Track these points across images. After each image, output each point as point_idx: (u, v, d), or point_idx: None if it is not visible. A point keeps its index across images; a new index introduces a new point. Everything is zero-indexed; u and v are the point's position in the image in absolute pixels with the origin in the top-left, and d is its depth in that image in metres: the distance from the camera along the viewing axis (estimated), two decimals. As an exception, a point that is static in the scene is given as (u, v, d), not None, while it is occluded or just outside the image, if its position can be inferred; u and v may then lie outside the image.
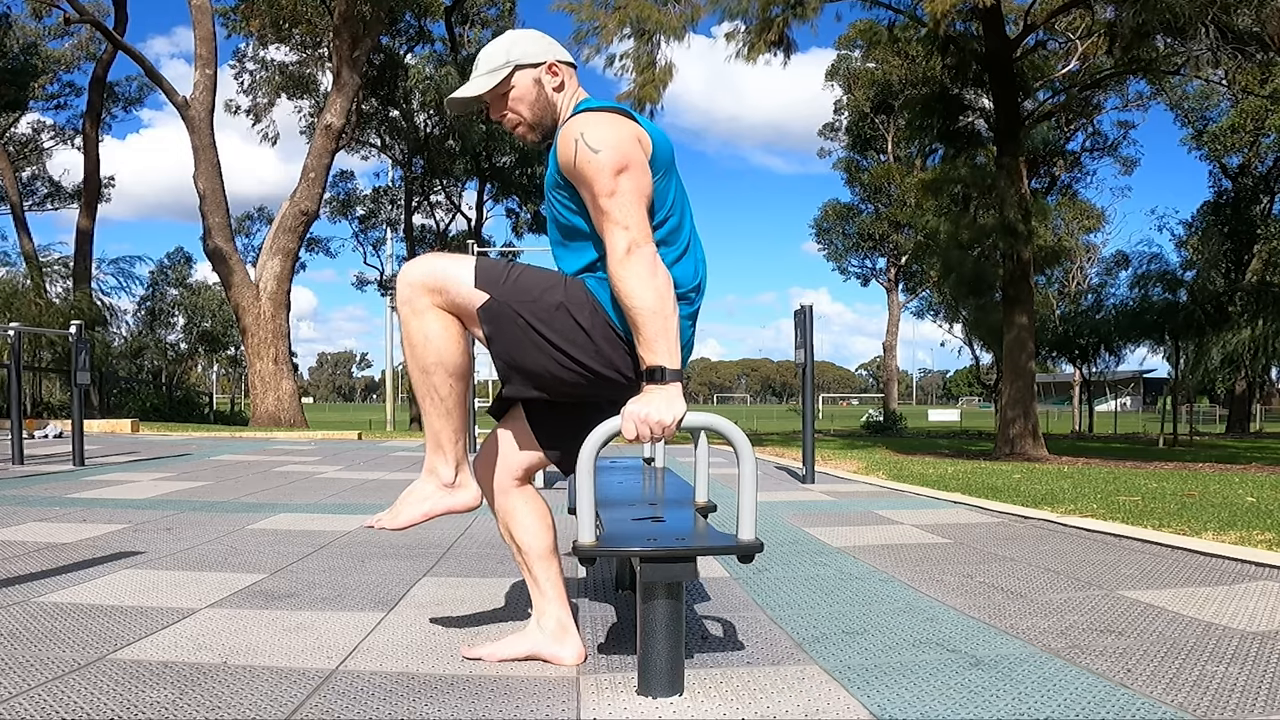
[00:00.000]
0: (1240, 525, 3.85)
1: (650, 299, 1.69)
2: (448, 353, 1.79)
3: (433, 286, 1.78)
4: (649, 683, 1.73)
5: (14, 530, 3.70)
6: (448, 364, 1.80)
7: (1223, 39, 10.91)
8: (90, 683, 1.77)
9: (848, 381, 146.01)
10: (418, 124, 26.84)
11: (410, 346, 1.80)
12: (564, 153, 1.78)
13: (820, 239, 37.37)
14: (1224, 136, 24.81)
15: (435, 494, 1.88)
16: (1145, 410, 47.32)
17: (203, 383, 40.73)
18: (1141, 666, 1.91)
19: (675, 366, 1.69)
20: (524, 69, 1.90)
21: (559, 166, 1.81)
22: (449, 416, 1.84)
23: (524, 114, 1.92)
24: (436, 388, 1.81)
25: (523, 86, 1.90)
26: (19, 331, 7.12)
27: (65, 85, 28.53)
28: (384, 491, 5.53)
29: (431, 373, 1.80)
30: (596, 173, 1.73)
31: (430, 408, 1.84)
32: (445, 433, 1.85)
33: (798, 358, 6.35)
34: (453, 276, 1.78)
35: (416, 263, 1.82)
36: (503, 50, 1.91)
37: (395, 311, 8.49)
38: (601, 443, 1.69)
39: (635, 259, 1.70)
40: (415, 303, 1.78)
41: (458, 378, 1.81)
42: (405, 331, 1.80)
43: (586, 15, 12.28)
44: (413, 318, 1.79)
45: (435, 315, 1.79)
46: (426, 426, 1.87)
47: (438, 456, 1.87)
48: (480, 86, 1.90)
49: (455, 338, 1.81)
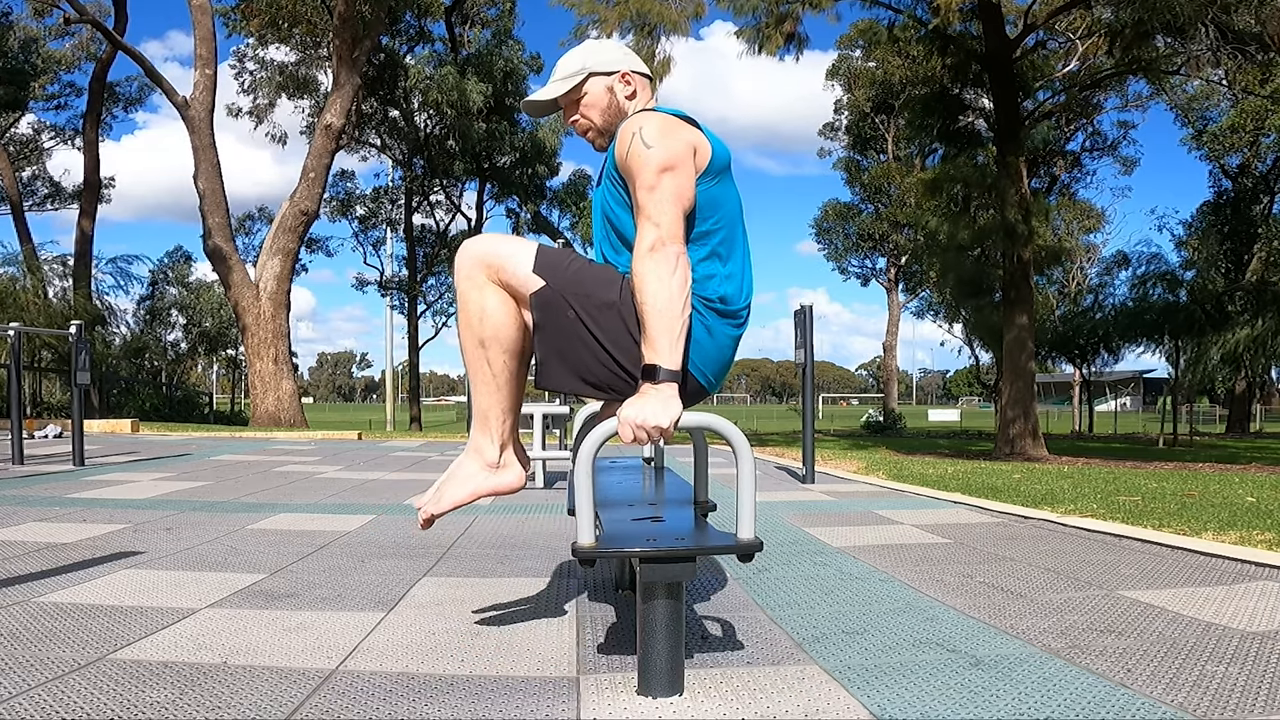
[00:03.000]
0: (1240, 525, 3.85)
1: (662, 297, 1.68)
2: (505, 328, 1.80)
3: (492, 264, 1.79)
4: (649, 683, 1.73)
5: (14, 530, 3.70)
6: (504, 340, 1.80)
7: (1223, 39, 10.91)
8: (90, 683, 1.77)
9: (847, 381, 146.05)
10: (418, 124, 26.83)
11: (467, 319, 1.81)
12: (620, 144, 1.81)
13: (820, 239, 37.37)
14: (1224, 136, 24.81)
15: (480, 474, 1.87)
16: (1145, 410, 47.32)
17: (203, 383, 40.75)
18: (1141, 666, 1.91)
19: (672, 367, 1.69)
20: (598, 76, 1.95)
21: (615, 160, 1.83)
22: (499, 393, 1.84)
23: (595, 119, 1.96)
24: (490, 362, 1.81)
25: (595, 93, 1.94)
26: (19, 331, 7.12)
27: (65, 85, 28.57)
28: (384, 492, 5.53)
29: (487, 347, 1.80)
30: (643, 166, 1.75)
31: (481, 383, 1.84)
32: (494, 410, 1.85)
33: (797, 358, 6.35)
34: (513, 256, 1.80)
35: (480, 239, 1.86)
36: (580, 58, 1.96)
37: (395, 311, 8.29)
38: (599, 444, 1.69)
39: (659, 255, 1.71)
40: (475, 277, 1.80)
41: (512, 354, 1.82)
42: (462, 304, 1.81)
43: (586, 10, 12.30)
44: (472, 291, 1.80)
45: (493, 290, 1.80)
46: (475, 403, 1.86)
47: (483, 435, 1.87)
48: (554, 91, 1.94)
49: (513, 314, 1.81)
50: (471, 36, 27.08)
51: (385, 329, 32.05)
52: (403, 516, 4.37)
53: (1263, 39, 10.99)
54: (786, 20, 11.54)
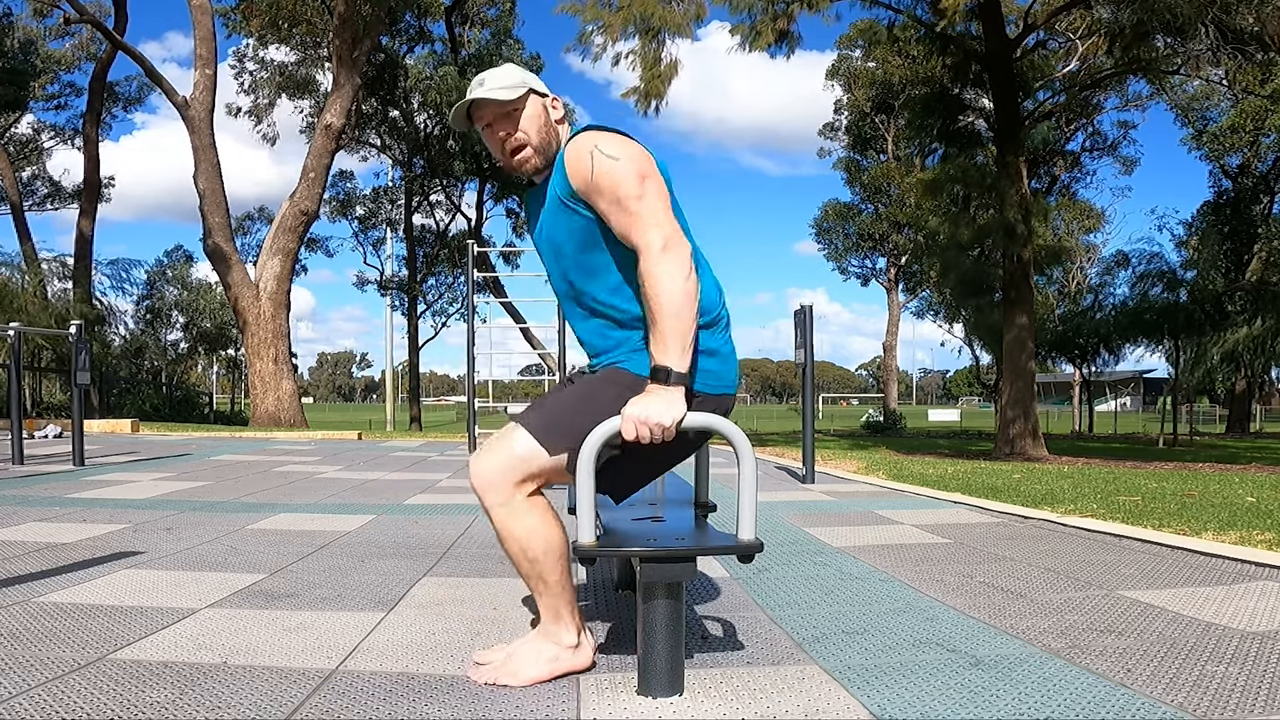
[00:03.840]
0: (1240, 525, 3.85)
1: (677, 299, 1.67)
2: (552, 538, 1.78)
3: (517, 479, 1.75)
4: (649, 683, 1.73)
5: (14, 530, 3.70)
6: (554, 548, 1.78)
7: (1223, 39, 10.91)
8: (90, 683, 1.77)
9: (847, 381, 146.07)
10: (418, 124, 26.82)
11: (513, 541, 1.77)
12: (578, 168, 1.76)
13: (820, 239, 37.35)
14: (1224, 136, 24.81)
15: (563, 654, 1.86)
16: (1145, 410, 47.32)
17: (203, 383, 40.70)
18: (1141, 666, 1.91)
19: (682, 370, 1.68)
20: (536, 95, 1.90)
21: (571, 187, 1.78)
22: (565, 592, 1.83)
23: (532, 135, 1.88)
24: (545, 574, 1.79)
25: (535, 110, 1.89)
26: (19, 331, 7.12)
27: (65, 85, 28.57)
28: (384, 492, 5.53)
29: (540, 560, 1.78)
30: (621, 178, 1.72)
31: (543, 589, 1.82)
32: (563, 607, 1.84)
33: (798, 358, 6.35)
34: (523, 457, 1.75)
35: (486, 460, 1.77)
36: (517, 74, 1.91)
37: (395, 311, 8.26)
38: (601, 442, 1.69)
39: (673, 255, 1.69)
40: (510, 502, 1.76)
41: (560, 556, 1.79)
42: (504, 530, 1.77)
43: (591, 16, 12.31)
44: (510, 517, 1.76)
45: (526, 507, 1.76)
46: (542, 604, 1.85)
47: (557, 625, 1.86)
48: (502, 94, 1.85)
49: (553, 520, 1.80)
50: (471, 36, 27.06)
51: (385, 329, 32.05)
52: (403, 516, 4.37)
53: (1263, 39, 10.99)
54: (780, 18, 11.55)
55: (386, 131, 27.80)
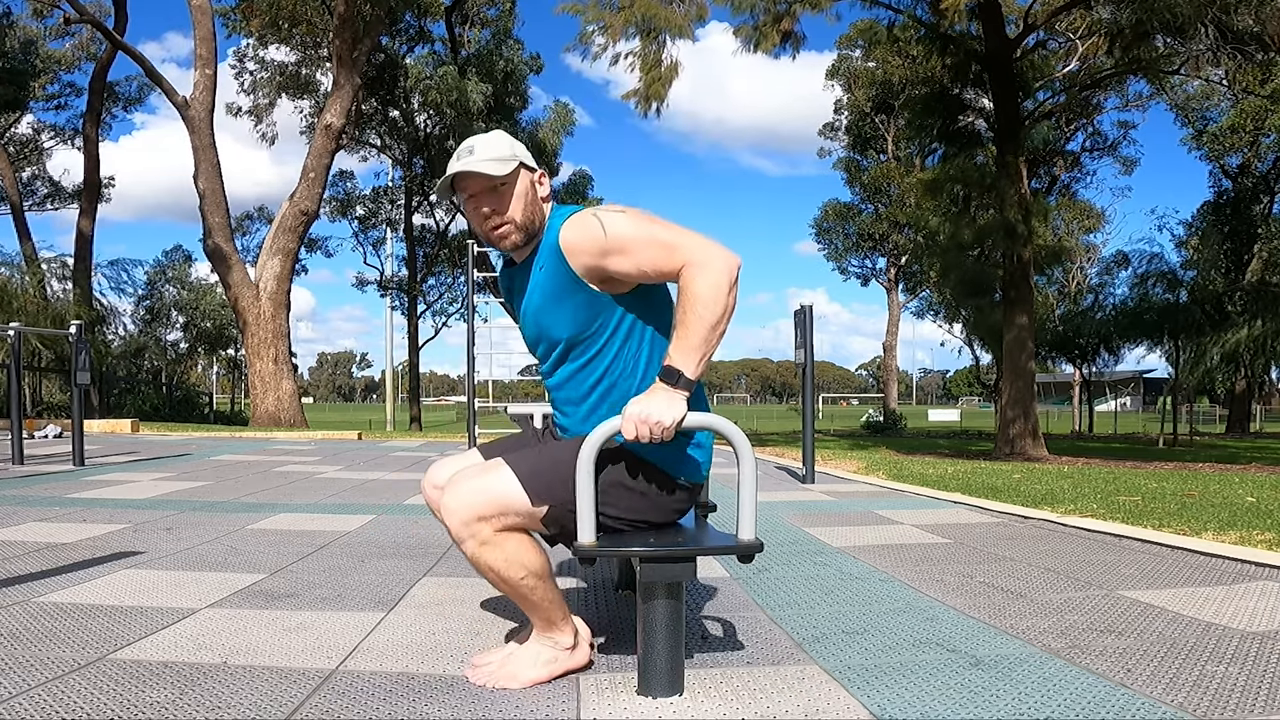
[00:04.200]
0: (1240, 525, 3.85)
1: (716, 311, 1.68)
2: (531, 560, 1.77)
3: (487, 515, 1.72)
4: (649, 683, 1.73)
5: (14, 530, 3.70)
6: (534, 569, 1.77)
7: (1223, 39, 10.90)
8: (90, 683, 1.77)
9: (847, 381, 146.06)
10: (418, 124, 26.81)
11: (491, 572, 1.75)
12: (585, 238, 1.75)
13: (820, 239, 37.35)
14: (1224, 136, 24.80)
15: (560, 655, 1.86)
16: (1145, 410, 47.32)
17: (203, 383, 40.70)
18: (1141, 666, 1.91)
19: (693, 377, 1.69)
20: (525, 169, 1.85)
21: (575, 270, 1.76)
22: (555, 605, 1.83)
23: (517, 215, 1.82)
24: (529, 593, 1.79)
25: (523, 186, 1.83)
26: (19, 331, 7.12)
27: (65, 85, 28.55)
28: (384, 492, 5.53)
29: (520, 582, 1.77)
30: (640, 221, 1.74)
31: (530, 607, 1.82)
32: (554, 614, 1.84)
33: (798, 357, 6.35)
34: (503, 499, 1.73)
35: (459, 496, 1.74)
36: (507, 145, 1.84)
37: (395, 311, 8.23)
38: (601, 442, 1.69)
39: (727, 267, 1.69)
40: (480, 534, 1.73)
41: (542, 576, 1.79)
42: (479, 563, 1.75)
43: (592, 16, 12.30)
44: (481, 550, 1.74)
45: (502, 537, 1.75)
46: (532, 618, 1.85)
47: (552, 631, 1.86)
48: (491, 168, 1.78)
49: (529, 544, 1.78)
50: (471, 36, 27.06)
51: (385, 329, 32.06)
52: (403, 516, 4.37)
53: (1263, 39, 10.98)
54: (784, 19, 11.54)
55: (386, 131, 27.79)
